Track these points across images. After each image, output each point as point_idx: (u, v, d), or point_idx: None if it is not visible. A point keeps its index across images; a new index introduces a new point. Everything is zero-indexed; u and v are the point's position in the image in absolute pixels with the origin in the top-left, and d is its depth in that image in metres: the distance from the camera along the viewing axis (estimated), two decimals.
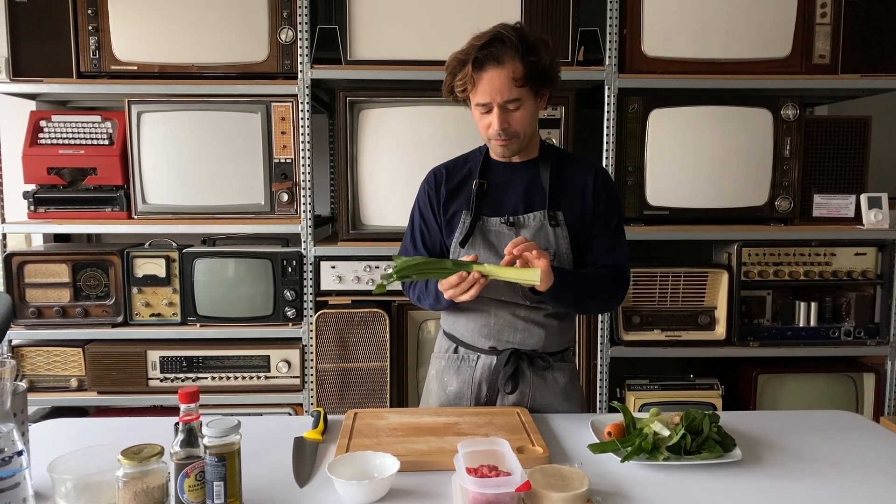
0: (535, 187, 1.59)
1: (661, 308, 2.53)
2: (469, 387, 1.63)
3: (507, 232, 1.57)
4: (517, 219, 1.58)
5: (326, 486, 1.20)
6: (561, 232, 1.57)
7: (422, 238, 1.67)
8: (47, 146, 2.51)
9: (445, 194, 1.63)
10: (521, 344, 1.60)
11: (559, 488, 1.13)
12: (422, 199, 1.68)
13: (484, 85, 1.48)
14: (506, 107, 1.49)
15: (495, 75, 1.47)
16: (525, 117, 1.52)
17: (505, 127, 1.51)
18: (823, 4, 2.47)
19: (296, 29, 2.44)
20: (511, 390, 1.59)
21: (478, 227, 1.58)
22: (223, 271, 2.50)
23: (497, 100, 1.48)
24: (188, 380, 2.50)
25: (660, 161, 2.50)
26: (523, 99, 1.50)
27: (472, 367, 1.63)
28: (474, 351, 1.63)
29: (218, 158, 2.50)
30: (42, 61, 2.46)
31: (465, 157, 1.68)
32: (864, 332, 2.54)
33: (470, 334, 1.63)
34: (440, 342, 1.73)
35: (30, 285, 2.49)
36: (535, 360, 1.61)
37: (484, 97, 1.49)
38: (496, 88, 1.47)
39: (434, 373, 1.71)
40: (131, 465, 1.05)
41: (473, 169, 1.63)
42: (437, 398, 1.67)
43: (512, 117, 1.51)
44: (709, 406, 2.48)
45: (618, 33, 2.44)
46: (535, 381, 1.62)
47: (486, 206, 1.60)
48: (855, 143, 2.56)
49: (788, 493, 1.21)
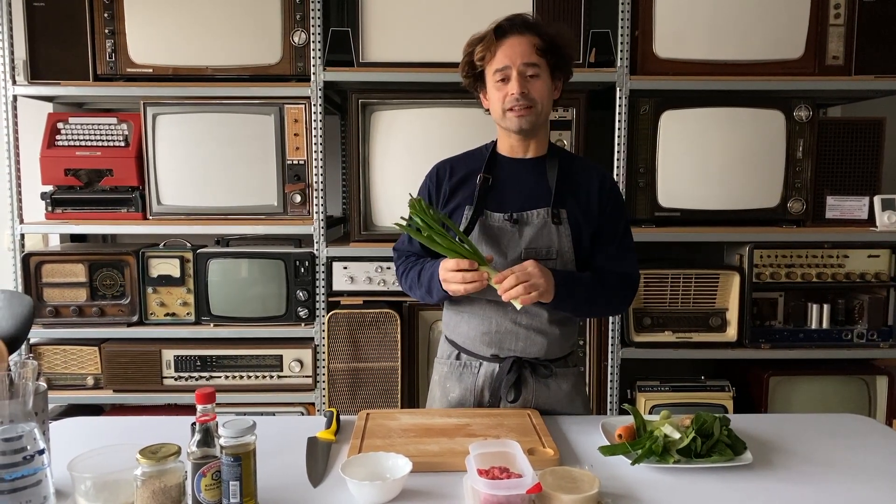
0: (541, 185, 1.59)
1: (673, 310, 2.53)
2: (472, 393, 1.62)
3: (510, 229, 1.56)
4: (520, 216, 1.56)
5: (339, 486, 1.22)
6: (564, 230, 1.56)
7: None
8: (64, 148, 2.55)
9: (448, 191, 1.63)
10: (523, 352, 1.58)
11: (570, 490, 1.14)
12: (422, 193, 1.68)
13: (505, 49, 1.52)
14: (525, 73, 1.51)
15: (516, 42, 1.51)
16: (543, 88, 1.53)
17: (524, 92, 1.51)
18: (837, 5, 2.45)
19: (308, 31, 2.46)
20: (514, 399, 1.58)
21: (480, 221, 1.57)
22: (236, 272, 2.53)
23: (517, 62, 1.50)
24: (202, 379, 2.53)
25: (671, 162, 2.50)
26: (541, 69, 1.52)
27: (474, 375, 1.62)
28: (476, 358, 1.62)
29: (231, 160, 2.52)
30: (59, 64, 2.50)
31: (472, 153, 1.68)
32: (878, 335, 2.52)
33: (471, 342, 1.62)
34: (443, 347, 1.71)
35: (47, 285, 2.53)
36: (538, 368, 1.59)
37: (504, 61, 1.51)
38: (517, 52, 1.51)
39: (437, 378, 1.70)
40: (149, 464, 1.07)
41: (479, 164, 1.62)
42: (440, 404, 1.66)
43: (531, 84, 1.52)
44: (720, 408, 2.48)
45: (629, 35, 2.44)
46: (538, 387, 1.60)
47: (490, 202, 1.59)
48: (868, 145, 2.54)
49: (799, 497, 1.22)
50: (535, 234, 1.55)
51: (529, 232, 1.55)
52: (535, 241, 1.55)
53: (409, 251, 1.70)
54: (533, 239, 1.55)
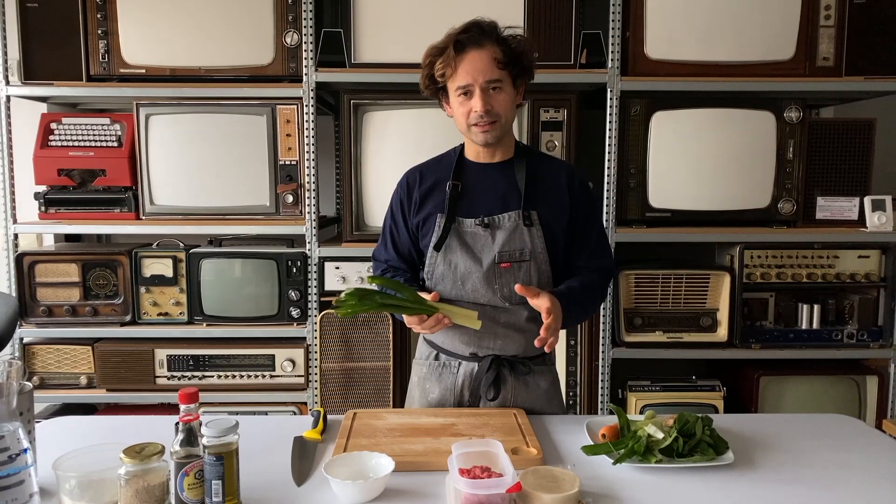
0: (510, 188, 1.59)
1: (663, 310, 2.54)
2: (451, 393, 1.63)
3: (483, 233, 1.57)
4: (492, 220, 1.57)
5: (323, 486, 1.23)
6: (536, 231, 1.57)
7: (392, 242, 1.69)
8: (58, 148, 2.55)
9: (419, 199, 1.64)
10: (501, 350, 1.60)
11: (551, 490, 1.14)
12: (394, 203, 1.69)
13: (466, 65, 1.51)
14: (488, 89, 1.51)
15: (477, 56, 1.50)
16: (506, 101, 1.54)
17: (488, 109, 1.51)
18: (827, 7, 2.46)
19: (301, 32, 2.46)
20: (493, 397, 1.60)
21: (453, 228, 1.58)
22: (229, 271, 2.54)
23: (479, 80, 1.50)
24: (195, 378, 2.54)
25: (662, 163, 2.50)
26: (504, 82, 1.52)
27: (453, 374, 1.63)
28: (455, 358, 1.63)
29: (224, 160, 2.53)
30: (53, 64, 2.51)
31: (440, 159, 1.69)
32: (867, 335, 2.53)
33: (450, 341, 1.63)
34: (421, 348, 1.72)
35: (41, 284, 2.54)
36: (517, 366, 1.61)
37: (466, 78, 1.51)
38: (478, 69, 1.50)
39: (416, 380, 1.71)
40: (133, 463, 1.08)
41: (448, 170, 1.63)
42: (420, 405, 1.68)
43: (494, 99, 1.52)
44: (710, 408, 2.49)
45: (620, 36, 2.45)
46: (517, 385, 1.62)
47: (461, 208, 1.59)
48: (859, 146, 2.55)
49: (779, 496, 1.23)
50: (507, 238, 1.56)
51: (502, 236, 1.56)
52: (508, 245, 1.56)
53: (387, 259, 1.72)
54: (505, 242, 1.56)
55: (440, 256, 1.59)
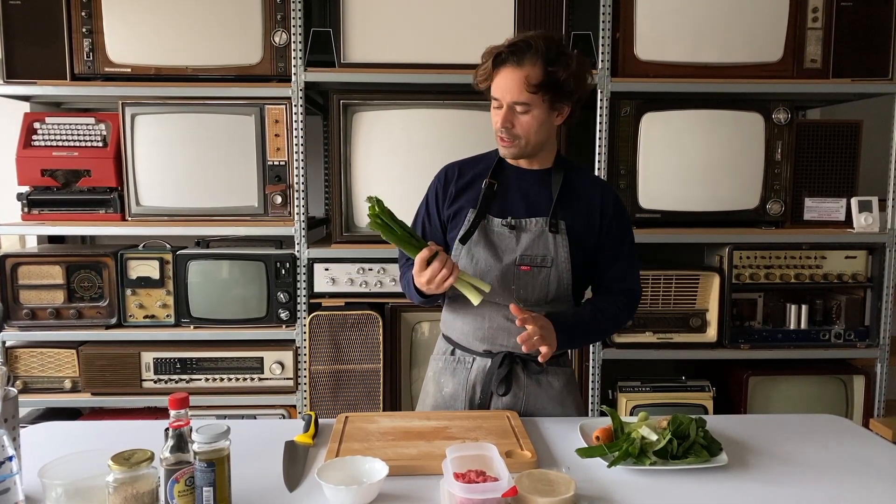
0: (543, 195, 1.61)
1: (653, 310, 2.55)
2: (464, 388, 1.65)
3: (508, 234, 1.59)
4: (518, 222, 1.59)
5: (316, 491, 1.21)
6: (561, 240, 1.58)
7: (422, 230, 1.71)
8: (41, 148, 2.51)
9: (454, 192, 1.66)
10: (514, 347, 1.60)
11: (546, 493, 1.14)
12: (430, 192, 1.71)
13: (499, 81, 1.52)
14: (513, 108, 1.52)
15: (509, 75, 1.50)
16: (531, 124, 1.53)
17: (507, 126, 1.53)
18: (815, 9, 2.48)
19: (290, 32, 2.44)
20: (504, 392, 1.61)
21: (481, 225, 1.60)
22: (217, 273, 2.51)
23: (507, 99, 1.51)
24: (182, 381, 2.51)
25: (652, 164, 2.51)
26: (533, 106, 1.51)
27: (467, 370, 1.65)
28: (470, 353, 1.66)
29: (212, 161, 2.50)
30: (36, 63, 2.46)
31: (481, 157, 1.71)
32: (855, 335, 2.56)
33: (465, 337, 1.66)
34: (439, 344, 1.75)
35: (23, 287, 2.49)
36: (529, 364, 1.63)
37: (496, 93, 1.54)
38: (507, 88, 1.51)
39: (431, 374, 1.74)
40: (121, 470, 1.05)
41: (487, 168, 1.65)
42: (434, 399, 1.70)
43: (518, 120, 1.53)
44: (700, 408, 2.50)
45: (610, 37, 2.45)
46: (529, 384, 1.63)
47: (493, 207, 1.62)
48: (846, 147, 2.58)
49: (773, 497, 1.23)
50: (531, 242, 1.58)
51: (526, 239, 1.58)
52: (531, 249, 1.58)
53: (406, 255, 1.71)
54: (529, 246, 1.58)
55: (464, 249, 1.60)
